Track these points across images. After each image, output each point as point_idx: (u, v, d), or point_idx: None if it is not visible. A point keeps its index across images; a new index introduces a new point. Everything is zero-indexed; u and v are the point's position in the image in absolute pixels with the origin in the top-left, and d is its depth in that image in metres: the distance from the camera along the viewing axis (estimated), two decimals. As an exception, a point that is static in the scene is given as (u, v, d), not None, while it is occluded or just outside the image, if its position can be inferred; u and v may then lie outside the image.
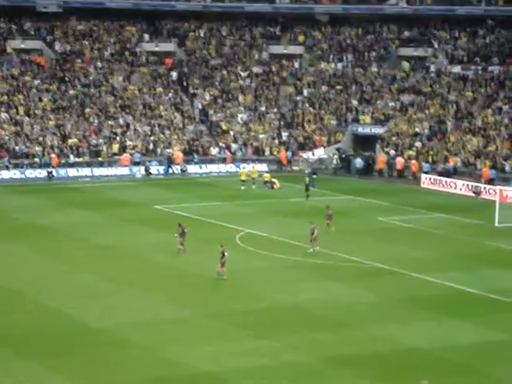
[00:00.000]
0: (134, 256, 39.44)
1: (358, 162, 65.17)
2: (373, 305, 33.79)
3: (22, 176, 60.83)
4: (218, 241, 42.48)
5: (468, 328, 31.47)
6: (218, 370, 27.04)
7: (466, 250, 43.31)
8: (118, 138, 65.77)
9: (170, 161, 63.86)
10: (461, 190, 59.11)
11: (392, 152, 65.55)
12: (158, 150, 65.94)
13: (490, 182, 59.24)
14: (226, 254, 35.55)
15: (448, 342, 29.96)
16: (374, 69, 74.99)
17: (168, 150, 65.81)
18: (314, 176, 59.28)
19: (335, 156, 66.25)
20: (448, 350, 29.13)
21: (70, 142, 64.26)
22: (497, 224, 48.36)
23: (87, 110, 67.51)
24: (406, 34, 78.02)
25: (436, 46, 76.35)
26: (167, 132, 67.71)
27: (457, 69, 73.55)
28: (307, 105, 71.93)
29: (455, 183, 59.70)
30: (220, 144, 67.55)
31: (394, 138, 67.18)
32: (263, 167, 64.64)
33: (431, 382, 26.30)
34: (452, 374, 27.33)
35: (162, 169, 63.92)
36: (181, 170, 63.90)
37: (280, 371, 26.82)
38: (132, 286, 35.43)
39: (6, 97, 67.25)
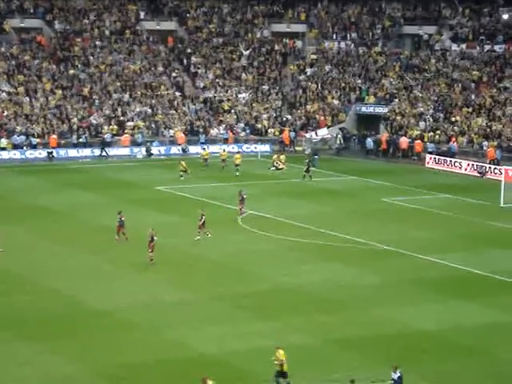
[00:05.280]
0: (136, 238, 38.98)
1: (369, 142, 64.34)
2: (377, 287, 33.40)
3: (22, 156, 60.34)
4: (220, 222, 42.26)
5: (474, 309, 31.13)
6: (221, 352, 26.74)
7: (471, 230, 42.88)
8: (118, 118, 65.23)
9: (105, 144, 61.49)
10: (466, 170, 58.59)
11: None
12: (160, 131, 65.40)
13: (496, 162, 58.67)
14: (155, 238, 35.15)
15: (454, 323, 29.64)
16: (378, 47, 74.23)
17: (170, 131, 65.22)
18: (316, 156, 58.65)
19: (339, 136, 65.61)
20: (454, 332, 28.83)
21: (70, 122, 63.72)
22: (502, 204, 47.92)
23: (87, 90, 66.89)
24: (410, 12, 77.15)
25: (440, 24, 75.51)
26: (168, 112, 67.05)
27: (462, 47, 72.79)
28: (310, 84, 71.23)
29: (460, 163, 59.14)
30: (222, 124, 66.92)
31: (398, 118, 66.54)
32: (266, 148, 64.06)
33: (438, 364, 26.01)
34: (459, 355, 26.97)
35: (163, 149, 63.38)
36: (182, 150, 63.30)
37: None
38: (134, 267, 35.07)
39: (5, 76, 66.62)
